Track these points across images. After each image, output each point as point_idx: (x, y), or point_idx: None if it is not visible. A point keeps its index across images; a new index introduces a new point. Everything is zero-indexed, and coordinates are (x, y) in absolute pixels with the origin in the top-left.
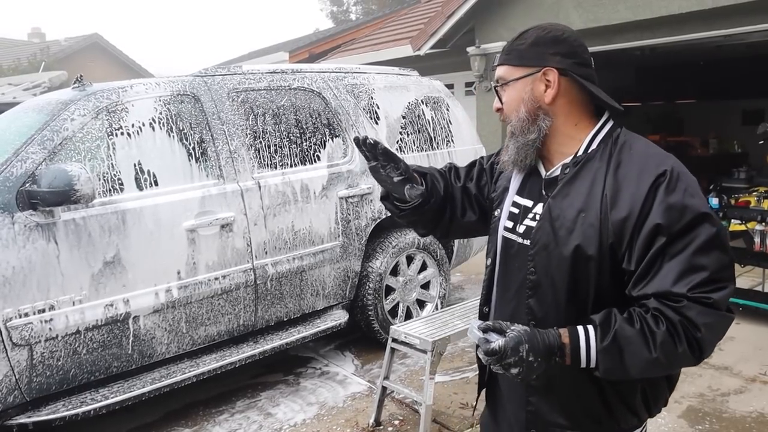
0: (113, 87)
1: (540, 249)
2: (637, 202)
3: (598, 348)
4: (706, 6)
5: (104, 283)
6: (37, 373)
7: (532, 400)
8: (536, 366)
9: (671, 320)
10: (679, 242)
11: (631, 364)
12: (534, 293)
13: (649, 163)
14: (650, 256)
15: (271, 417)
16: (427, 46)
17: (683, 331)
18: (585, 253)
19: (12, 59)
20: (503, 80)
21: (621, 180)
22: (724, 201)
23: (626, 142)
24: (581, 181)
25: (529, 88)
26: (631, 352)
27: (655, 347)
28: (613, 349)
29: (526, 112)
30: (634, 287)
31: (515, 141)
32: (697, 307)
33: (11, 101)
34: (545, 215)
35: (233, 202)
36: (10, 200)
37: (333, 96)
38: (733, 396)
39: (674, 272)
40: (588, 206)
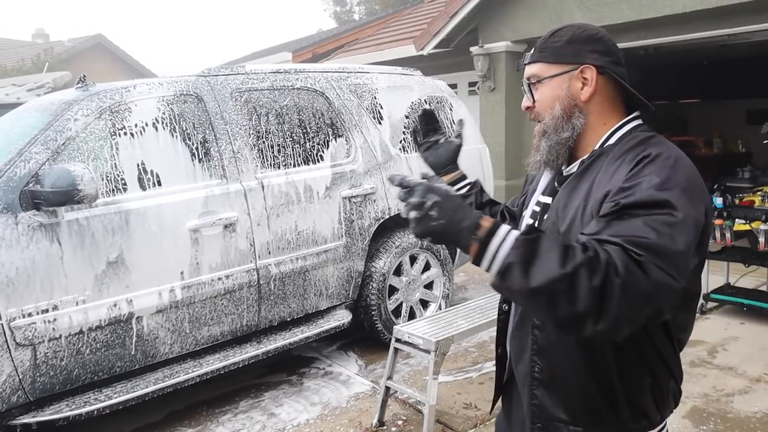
0: (116, 87)
1: None
2: (617, 180)
3: (516, 236)
4: (710, 5)
5: (107, 283)
6: (40, 373)
7: (537, 393)
8: (435, 225)
9: (598, 254)
10: (633, 210)
11: (537, 272)
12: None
13: (641, 151)
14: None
15: (274, 417)
16: (431, 45)
17: (604, 268)
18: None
19: (16, 60)
20: (537, 77)
21: (610, 167)
22: (728, 200)
23: (637, 137)
24: (589, 175)
25: (566, 86)
26: (544, 258)
27: (571, 264)
28: (530, 247)
29: (561, 110)
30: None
31: (548, 139)
32: (625, 256)
33: (15, 102)
34: (553, 207)
35: (236, 202)
36: (14, 200)
37: (336, 96)
38: (737, 396)
39: (618, 229)
40: (589, 197)
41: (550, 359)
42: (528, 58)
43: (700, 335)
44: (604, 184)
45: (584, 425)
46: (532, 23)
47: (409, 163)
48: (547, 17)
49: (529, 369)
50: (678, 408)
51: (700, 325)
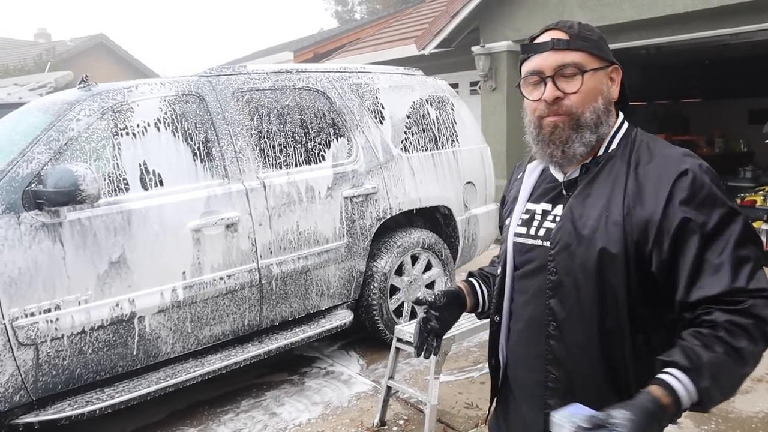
0: (118, 87)
1: (561, 249)
2: (660, 199)
3: (700, 389)
4: (711, 5)
5: (110, 282)
6: (42, 373)
7: (551, 402)
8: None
9: (746, 328)
10: (719, 239)
11: (728, 388)
12: (555, 294)
13: (670, 161)
14: (694, 257)
15: (276, 416)
16: (432, 45)
17: (758, 331)
18: (610, 252)
19: (18, 59)
20: (581, 67)
21: (642, 178)
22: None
23: (644, 141)
24: (603, 181)
25: (605, 81)
26: (726, 379)
27: (746, 363)
28: (713, 385)
29: (603, 105)
30: (688, 292)
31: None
32: (760, 302)
33: (17, 101)
34: (566, 215)
35: (238, 202)
36: (16, 200)
37: (338, 96)
38: (739, 396)
39: (727, 269)
40: (611, 205)
41: (569, 369)
42: (564, 44)
43: None
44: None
45: None
46: (533, 23)
47: (411, 163)
48: (549, 17)
49: (541, 378)
50: None
51: None
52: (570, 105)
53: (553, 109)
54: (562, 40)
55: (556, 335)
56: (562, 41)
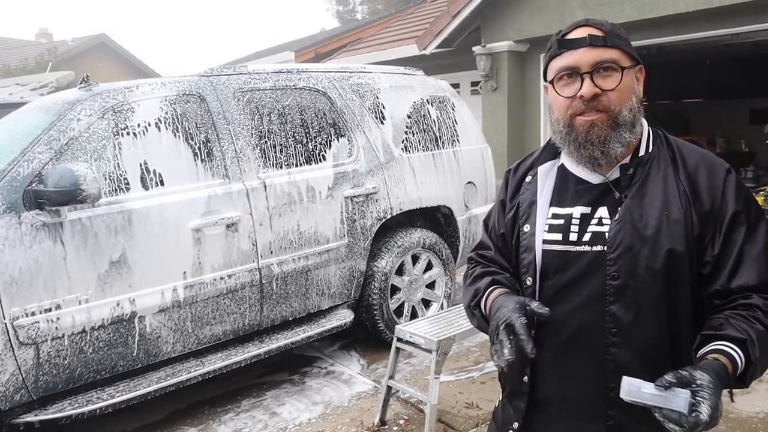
0: (119, 87)
1: (624, 252)
2: (716, 193)
3: (752, 361)
4: (712, 5)
5: (110, 282)
6: (43, 372)
7: (612, 413)
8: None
9: None
10: (756, 235)
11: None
12: (618, 298)
13: (711, 159)
14: (739, 247)
15: (276, 416)
16: (433, 45)
17: None
18: (677, 251)
19: (19, 59)
20: (618, 64)
21: (694, 175)
22: None
23: (676, 141)
24: (654, 181)
25: (637, 79)
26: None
27: None
28: (761, 358)
29: (637, 104)
30: (730, 280)
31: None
32: None
33: (19, 101)
34: (625, 217)
35: (239, 202)
36: (17, 200)
37: (338, 96)
38: (739, 396)
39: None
40: (669, 204)
41: (635, 375)
42: (602, 41)
43: None
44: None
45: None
46: (534, 23)
47: (411, 163)
48: (550, 17)
49: (600, 389)
50: None
51: None
52: (608, 102)
53: (591, 105)
54: (599, 37)
55: (618, 342)
56: (599, 38)
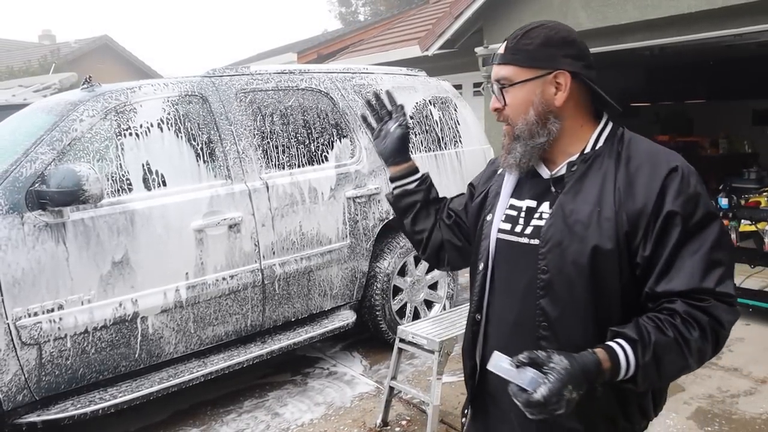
0: (122, 88)
1: (553, 246)
2: (652, 192)
3: (640, 364)
4: (715, 5)
5: (113, 283)
6: (46, 372)
7: None
8: (577, 398)
9: (701, 324)
10: (697, 239)
11: (667, 373)
12: (546, 293)
13: (659, 158)
14: (670, 250)
15: (278, 417)
16: (435, 46)
17: (712, 331)
18: (603, 248)
19: (23, 61)
20: (509, 81)
21: (633, 173)
22: (734, 201)
23: (631, 139)
24: (592, 178)
25: (539, 91)
26: (668, 362)
27: (691, 354)
28: (653, 363)
29: (535, 116)
30: (657, 283)
31: (523, 145)
32: (722, 306)
33: (21, 102)
34: (557, 212)
35: (241, 203)
36: (20, 200)
37: (341, 96)
38: (743, 397)
39: (699, 268)
40: (602, 201)
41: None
42: (498, 59)
43: None
44: (635, 195)
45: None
46: None
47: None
48: (552, 17)
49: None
50: (683, 409)
51: None
52: (507, 115)
53: (500, 118)
54: (498, 55)
55: (547, 336)
56: (498, 56)
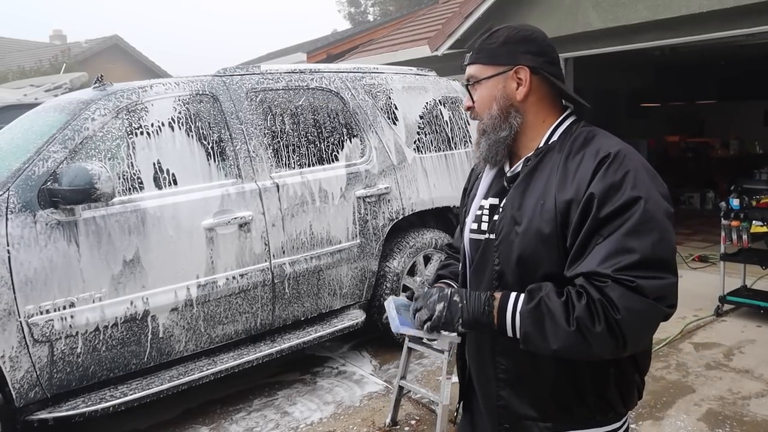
0: (133, 87)
1: (503, 239)
2: (583, 182)
3: (522, 309)
4: (727, 5)
5: (123, 281)
6: (57, 370)
7: (503, 393)
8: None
9: (592, 297)
10: (611, 223)
11: (551, 334)
12: (499, 283)
13: (599, 147)
14: (583, 235)
15: (288, 416)
16: (445, 46)
17: (602, 310)
18: (543, 238)
19: (34, 61)
20: (474, 78)
21: (570, 164)
22: (745, 202)
23: (582, 133)
24: (540, 172)
25: (501, 86)
26: (551, 321)
27: (572, 320)
28: (536, 314)
29: (498, 110)
30: (568, 268)
31: (487, 138)
32: (619, 288)
33: (33, 102)
34: (507, 206)
35: (251, 202)
36: (32, 198)
37: (351, 96)
38: (754, 399)
39: (602, 253)
40: (546, 194)
41: (515, 358)
42: (467, 59)
43: (716, 338)
44: (567, 184)
45: (553, 420)
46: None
47: (424, 163)
48: (563, 17)
49: (492, 371)
50: (693, 410)
51: (716, 327)
52: (477, 112)
53: (472, 116)
54: (467, 56)
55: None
56: (467, 56)
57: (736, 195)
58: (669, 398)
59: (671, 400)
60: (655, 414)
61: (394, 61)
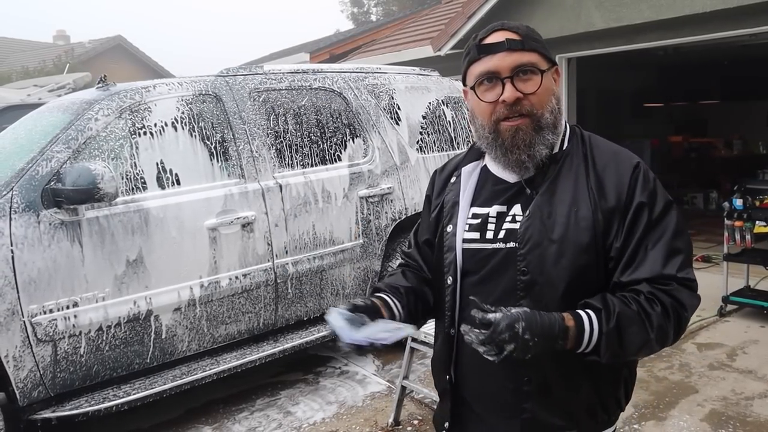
0: (136, 87)
1: (532, 247)
2: (622, 189)
3: (603, 330)
4: (730, 5)
5: (127, 281)
6: (60, 369)
7: (527, 406)
8: (532, 345)
9: (663, 303)
10: (658, 228)
11: (629, 345)
12: (528, 293)
13: (621, 157)
14: (636, 240)
15: (290, 415)
16: (448, 46)
17: (672, 312)
18: (582, 247)
19: (38, 61)
20: (538, 67)
21: (601, 173)
22: (748, 202)
23: (591, 138)
24: (565, 178)
25: (552, 81)
26: (631, 334)
27: (652, 328)
28: (615, 332)
29: (557, 105)
30: (623, 273)
31: (544, 136)
32: (685, 290)
33: (37, 102)
34: (534, 213)
35: (254, 202)
36: (36, 198)
37: (354, 96)
38: (757, 400)
39: (660, 256)
40: (578, 201)
41: (544, 369)
42: (519, 45)
43: (719, 338)
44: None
45: (580, 427)
46: (549, 23)
47: (426, 163)
48: (566, 17)
49: (511, 383)
50: (696, 411)
51: (720, 327)
52: (530, 106)
53: (514, 110)
54: (516, 41)
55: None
56: (517, 41)
57: (740, 195)
58: (672, 398)
59: (674, 401)
60: (657, 414)
61: (396, 61)
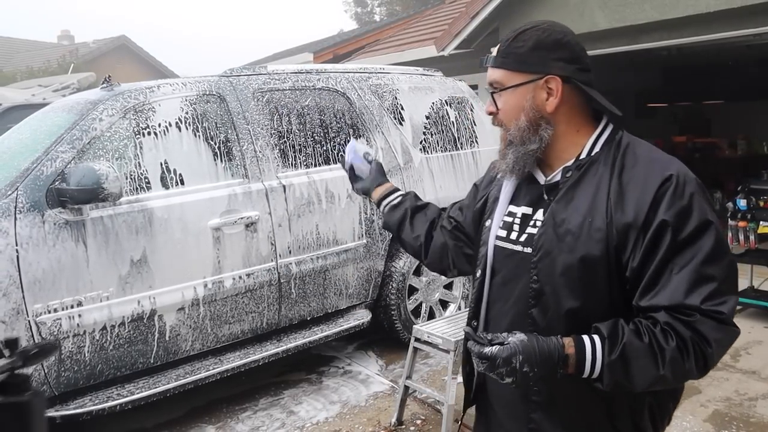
0: (141, 87)
1: (543, 256)
2: (642, 206)
3: (605, 361)
4: (734, 5)
5: (131, 280)
6: (65, 368)
7: (535, 417)
8: (532, 375)
9: (682, 336)
10: (687, 251)
11: (637, 379)
12: (537, 302)
13: (654, 167)
14: (657, 263)
15: (293, 415)
16: (452, 46)
17: (693, 347)
18: (592, 259)
19: (42, 61)
20: (500, 85)
21: (625, 184)
22: (752, 203)
23: (629, 145)
24: (585, 186)
25: (530, 96)
26: (638, 367)
27: (664, 364)
28: (620, 364)
29: (526, 122)
30: (642, 297)
31: (515, 150)
32: (709, 322)
33: (41, 102)
34: (548, 221)
35: (258, 202)
36: (41, 198)
37: (357, 96)
38: (761, 401)
39: (685, 283)
40: (594, 211)
41: (552, 384)
42: (491, 61)
43: None
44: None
45: None
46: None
47: (430, 164)
48: (569, 17)
49: (523, 392)
50: (699, 412)
51: None
52: (501, 120)
53: (495, 123)
54: (489, 58)
55: None
56: (489, 59)
57: (743, 195)
58: None
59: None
60: None
61: (400, 61)
